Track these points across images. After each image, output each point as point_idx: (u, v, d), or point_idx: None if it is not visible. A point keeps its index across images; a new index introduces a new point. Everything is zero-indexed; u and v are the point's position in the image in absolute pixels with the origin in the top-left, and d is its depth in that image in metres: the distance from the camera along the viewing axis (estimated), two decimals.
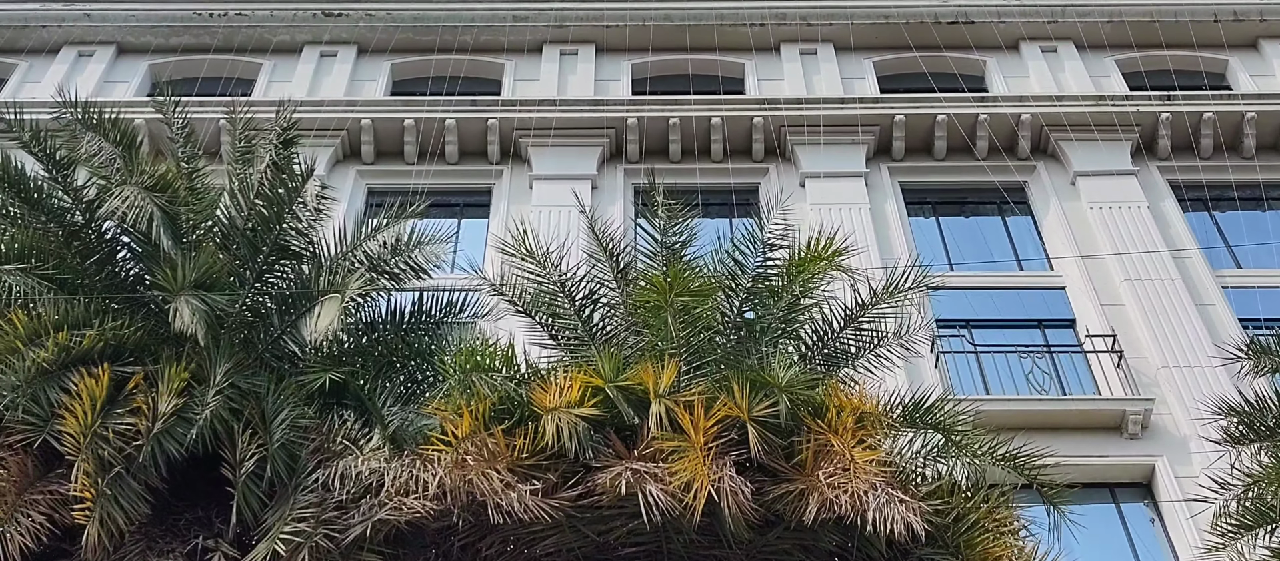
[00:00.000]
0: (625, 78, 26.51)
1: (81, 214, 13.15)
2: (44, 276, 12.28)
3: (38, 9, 27.02)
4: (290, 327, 12.86)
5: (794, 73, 26.40)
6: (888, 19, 27.02)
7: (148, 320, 12.45)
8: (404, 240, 14.05)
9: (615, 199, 23.45)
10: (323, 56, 26.80)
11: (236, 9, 27.08)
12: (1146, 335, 20.30)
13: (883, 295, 13.33)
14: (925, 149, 24.57)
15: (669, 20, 27.13)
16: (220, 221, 13.63)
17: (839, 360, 13.36)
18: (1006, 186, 23.89)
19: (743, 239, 13.92)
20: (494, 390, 11.46)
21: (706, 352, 12.24)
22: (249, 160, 14.18)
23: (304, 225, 13.83)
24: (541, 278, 13.71)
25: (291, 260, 13.67)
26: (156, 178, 12.88)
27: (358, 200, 23.62)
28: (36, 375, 10.87)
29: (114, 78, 26.28)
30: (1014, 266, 22.79)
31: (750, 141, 24.54)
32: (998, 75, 26.25)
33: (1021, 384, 20.02)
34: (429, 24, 26.98)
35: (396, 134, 24.43)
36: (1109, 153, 23.91)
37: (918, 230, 23.39)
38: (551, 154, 24.17)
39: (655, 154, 24.49)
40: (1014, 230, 23.72)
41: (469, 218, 24.03)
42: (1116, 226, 22.41)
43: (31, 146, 13.37)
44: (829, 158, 23.97)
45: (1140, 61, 26.31)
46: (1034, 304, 21.80)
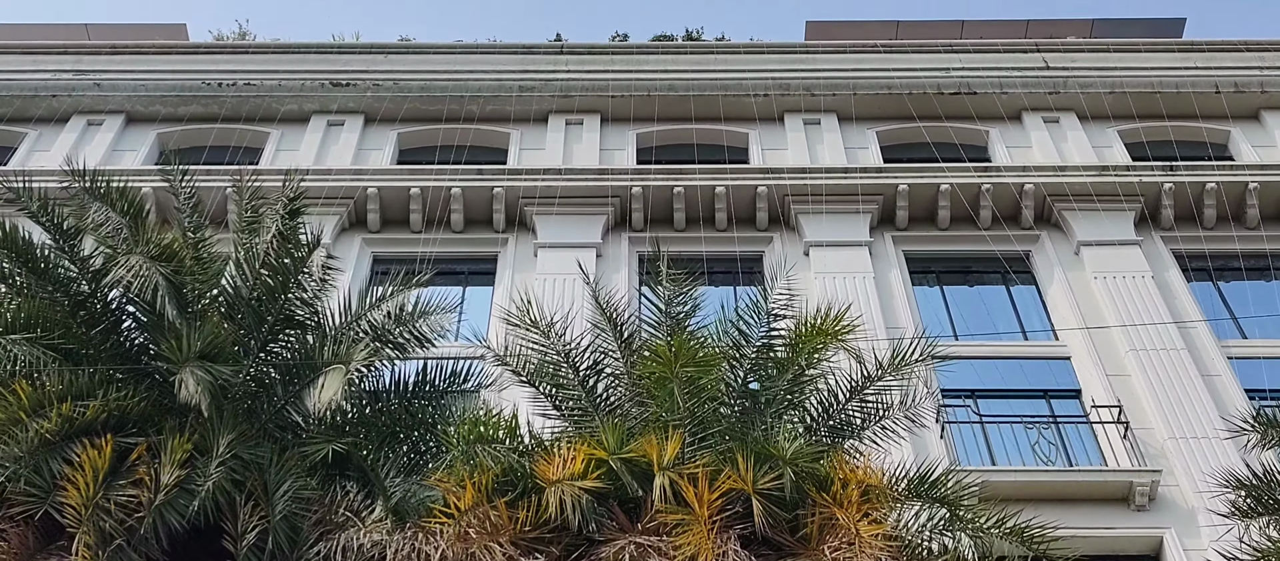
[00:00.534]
0: (630, 147, 26.67)
1: (87, 283, 13.18)
2: (49, 346, 12.28)
3: (48, 79, 27.27)
4: (294, 398, 12.83)
5: (798, 142, 26.54)
6: (890, 89, 27.22)
7: (151, 390, 12.43)
8: (408, 310, 14.06)
9: (620, 267, 23.50)
10: (330, 125, 26.98)
11: (245, 78, 27.33)
12: (1153, 406, 20.21)
13: (888, 367, 13.30)
14: (929, 218, 24.64)
15: (673, 90, 27.35)
16: (226, 291, 13.64)
17: (844, 432, 13.31)
18: (1010, 256, 23.92)
19: (747, 309, 13.93)
20: (497, 461, 11.43)
21: (711, 423, 12.20)
22: (255, 229, 14.24)
23: (309, 295, 13.85)
24: (545, 348, 13.71)
25: (296, 330, 13.67)
26: (163, 248, 12.92)
27: (363, 268, 23.68)
28: (39, 446, 10.85)
29: (123, 146, 26.45)
30: (1019, 336, 22.76)
31: (754, 210, 24.61)
32: (1000, 145, 26.38)
33: (1027, 454, 19.92)
34: (435, 93, 27.21)
35: (402, 202, 24.53)
36: (1112, 223, 23.96)
37: (922, 299, 23.39)
38: (556, 222, 24.25)
39: (660, 222, 24.58)
40: (1018, 300, 23.72)
41: (474, 285, 24.05)
42: (1121, 296, 22.41)
43: (39, 216, 13.42)
44: (833, 227, 24.04)
45: (1142, 132, 26.45)
46: (1039, 374, 21.73)
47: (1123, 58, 27.78)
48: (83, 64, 27.68)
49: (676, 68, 28.04)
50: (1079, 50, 28.24)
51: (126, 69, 27.63)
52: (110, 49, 28.17)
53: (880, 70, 27.60)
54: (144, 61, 27.88)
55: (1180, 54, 27.80)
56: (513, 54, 28.53)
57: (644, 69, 28.01)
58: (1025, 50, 28.15)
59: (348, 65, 27.96)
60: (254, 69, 27.79)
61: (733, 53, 28.99)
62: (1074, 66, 27.64)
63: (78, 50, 28.12)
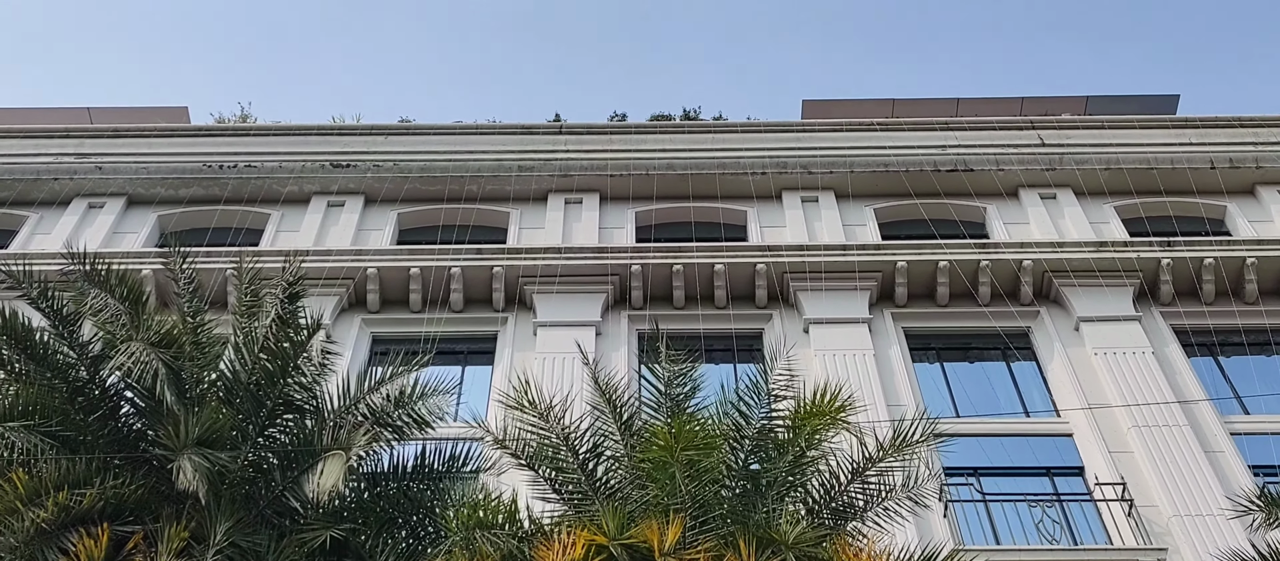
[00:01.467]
0: (629, 225, 26.76)
1: (86, 369, 13.16)
2: (46, 433, 12.25)
3: (51, 162, 27.42)
4: (293, 483, 12.76)
5: (796, 220, 26.64)
6: (887, 167, 27.37)
7: (149, 477, 12.37)
8: (407, 393, 14.03)
9: (619, 345, 23.48)
10: (330, 206, 27.10)
11: (246, 160, 27.49)
12: (1156, 483, 20.08)
13: (890, 448, 13.23)
14: (928, 295, 24.66)
15: (671, 169, 27.50)
16: (224, 375, 13.62)
17: (847, 514, 13.21)
18: (1010, 332, 23.90)
19: (747, 390, 13.89)
20: (497, 548, 11.36)
21: (712, 507, 12.11)
22: (255, 313, 14.25)
23: (308, 379, 13.83)
24: (545, 430, 13.64)
25: (295, 414, 13.63)
26: (162, 334, 12.93)
27: (363, 348, 23.65)
28: (35, 536, 10.78)
29: (123, 229, 26.54)
30: (1020, 413, 22.66)
31: (753, 288, 24.64)
32: (998, 221, 26.47)
33: (1032, 533, 19.76)
34: (436, 174, 27.36)
35: (402, 282, 24.56)
36: (1112, 298, 23.99)
37: (923, 376, 23.33)
38: (556, 301, 24.26)
39: (659, 300, 24.60)
40: (1019, 376, 23.66)
41: (473, 365, 24.02)
42: (1122, 372, 22.35)
43: (39, 302, 13.43)
44: (832, 304, 24.05)
45: (1140, 208, 26.57)
46: (1042, 451, 21.61)
47: (1118, 134, 27.96)
48: (85, 147, 27.85)
49: (674, 147, 28.24)
50: (1074, 127, 28.44)
51: (128, 152, 27.79)
52: (112, 132, 28.36)
53: (877, 148, 27.77)
54: (146, 144, 28.05)
55: (1175, 130, 27.99)
56: (512, 134, 28.75)
57: (642, 148, 28.20)
58: (1020, 127, 28.34)
59: (349, 146, 28.13)
60: (255, 151, 27.96)
61: (730, 131, 29.23)
62: (1069, 143, 27.82)
63: (81, 134, 28.31)
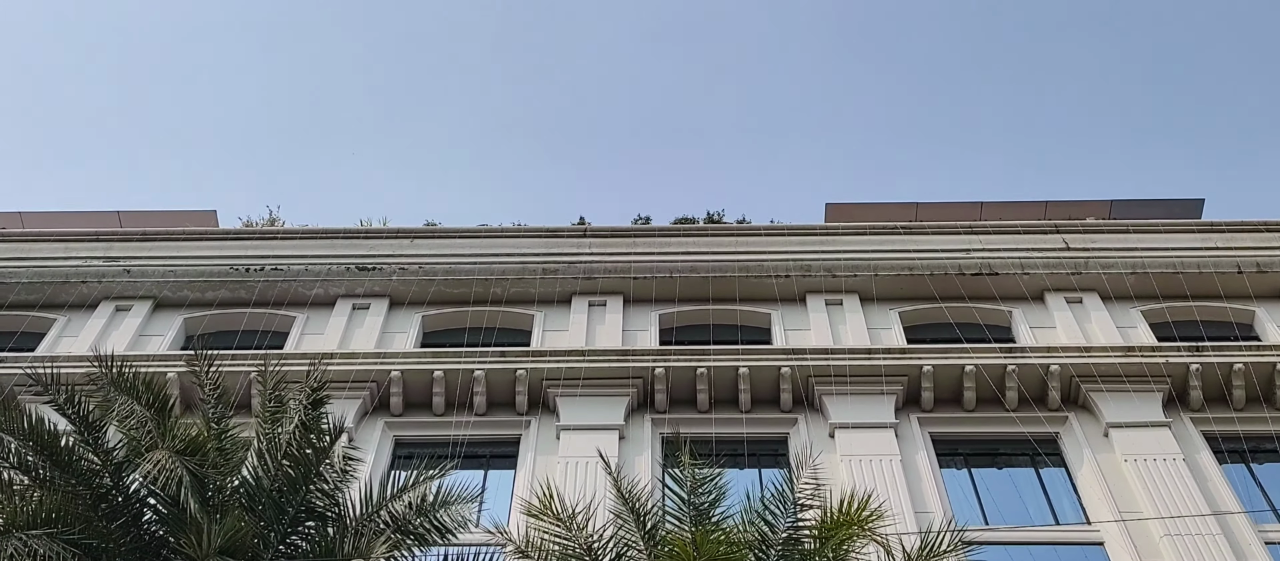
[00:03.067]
0: (653, 328, 26.77)
1: (110, 476, 13.15)
2: (68, 541, 12.20)
3: (79, 265, 27.70)
4: None
5: (820, 323, 26.59)
6: (912, 270, 27.38)
7: None
8: (430, 500, 13.96)
9: (643, 449, 23.33)
10: (355, 309, 27.23)
11: (272, 263, 27.73)
12: None
13: (918, 559, 13.02)
14: (954, 399, 24.48)
15: (695, 272, 27.58)
16: (247, 481, 13.59)
17: None
18: (1038, 438, 23.65)
19: (773, 498, 13.76)
20: None
21: None
22: (278, 418, 14.26)
23: (330, 485, 13.78)
24: (567, 540, 13.53)
25: (317, 522, 13.56)
26: (187, 441, 12.93)
27: (385, 452, 23.57)
28: None
29: (150, 331, 26.70)
30: (1050, 521, 22.33)
31: (778, 391, 24.52)
32: (1024, 326, 26.35)
33: None
34: (461, 276, 27.50)
35: (426, 385, 24.55)
36: (1141, 404, 23.74)
37: (950, 482, 23.05)
38: (579, 404, 24.18)
39: (682, 403, 24.51)
40: (1048, 482, 23.35)
41: (496, 469, 23.88)
42: (1153, 479, 22.03)
43: (65, 409, 13.47)
44: (857, 408, 23.88)
45: (1167, 312, 26.43)
46: (1073, 560, 21.25)
47: (1143, 238, 27.95)
48: (114, 250, 28.15)
49: (698, 249, 28.34)
50: (1099, 231, 28.44)
51: (156, 255, 28.07)
52: (141, 235, 28.69)
53: (901, 251, 27.81)
54: (174, 248, 28.34)
55: (1200, 235, 27.96)
56: (537, 237, 28.94)
57: (666, 251, 28.31)
58: (1045, 231, 28.37)
59: (374, 249, 28.36)
60: (282, 254, 28.19)
61: (754, 234, 29.31)
62: (1095, 247, 27.80)
63: (109, 237, 28.65)
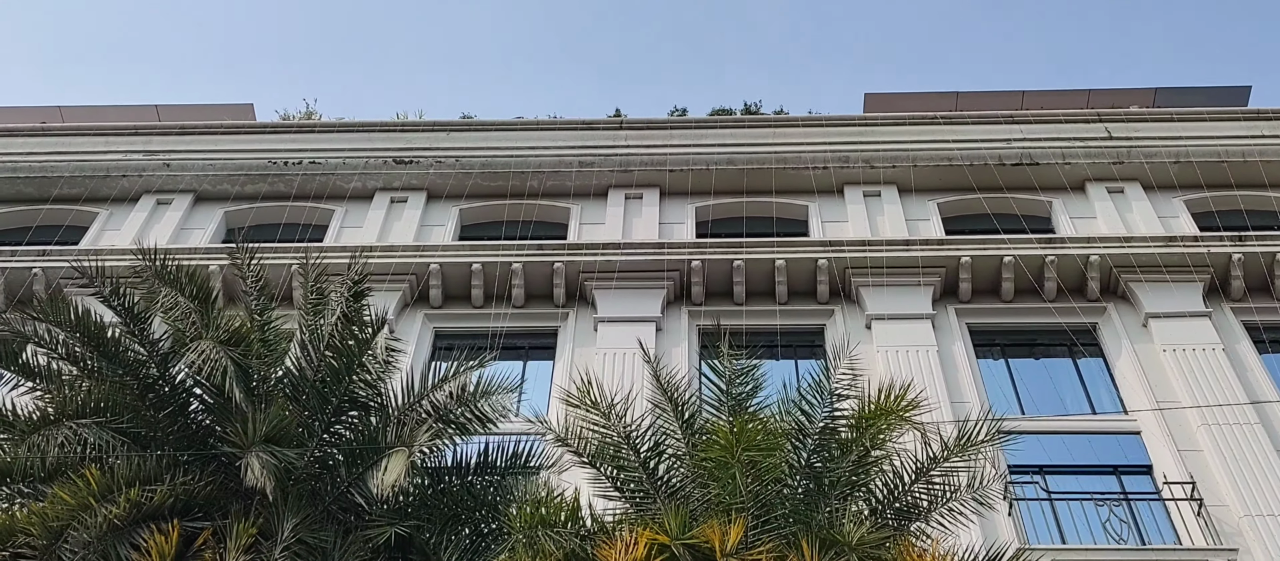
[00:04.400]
0: (689, 220, 26.73)
1: (156, 367, 13.34)
2: (118, 430, 12.45)
3: (119, 159, 27.89)
4: (357, 480, 12.86)
5: (857, 215, 26.46)
6: (951, 161, 27.11)
7: (217, 474, 12.54)
8: (470, 390, 14.08)
9: (680, 341, 23.45)
10: (393, 202, 27.32)
11: (310, 157, 27.79)
12: (1227, 482, 19.73)
13: (955, 448, 13.09)
14: (992, 291, 24.40)
15: (732, 164, 27.42)
16: (290, 372, 13.75)
17: (910, 514, 13.09)
18: (1076, 329, 23.58)
19: (810, 388, 13.79)
20: (559, 546, 11.38)
21: (774, 507, 12.05)
22: (320, 310, 14.37)
23: (373, 376, 13.91)
24: (606, 429, 13.64)
25: (360, 411, 13.74)
26: (231, 331, 13.09)
27: (425, 344, 23.83)
28: (108, 532, 10.95)
29: (191, 225, 26.93)
30: (1087, 411, 22.36)
31: (815, 283, 24.52)
32: (1064, 216, 26.12)
33: (1099, 533, 19.50)
34: (497, 170, 27.48)
35: (464, 278, 24.71)
36: (1181, 294, 23.58)
37: (987, 373, 23.09)
38: (616, 296, 24.29)
39: (719, 296, 24.56)
40: (1086, 373, 23.33)
41: (535, 360, 24.10)
42: (1191, 369, 21.97)
43: (110, 300, 13.64)
44: (895, 300, 23.86)
45: (1210, 201, 26.11)
46: (1109, 450, 21.31)
47: (1187, 127, 27.49)
48: (153, 144, 28.30)
49: (735, 141, 28.15)
50: (1142, 120, 27.99)
51: (196, 149, 28.19)
52: (179, 129, 28.79)
53: (940, 142, 27.51)
54: (212, 141, 28.44)
55: (1246, 123, 27.46)
56: (573, 130, 28.81)
57: (703, 143, 28.14)
58: (1087, 120, 27.95)
59: (411, 143, 28.36)
60: (320, 147, 28.26)
61: (791, 125, 29.04)
62: (1137, 136, 27.39)
63: (148, 131, 28.77)
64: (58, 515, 11.00)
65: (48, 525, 10.93)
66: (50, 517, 11.02)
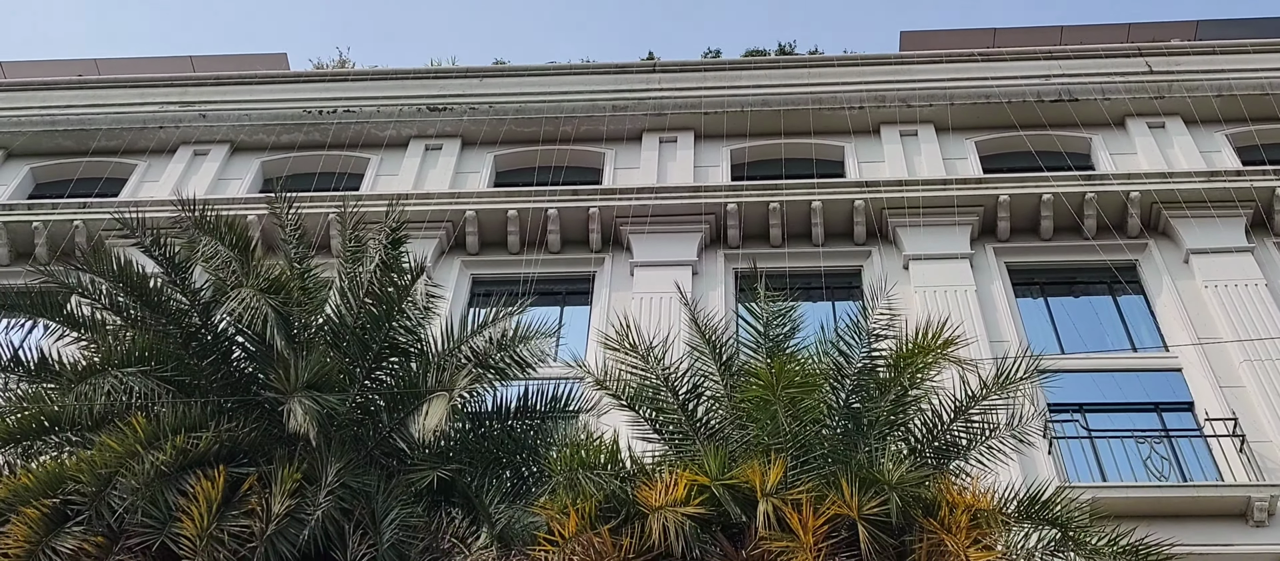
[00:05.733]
0: (724, 163, 26.61)
1: (198, 316, 13.46)
2: (162, 378, 12.58)
3: (156, 111, 28.05)
4: (399, 425, 12.98)
5: (894, 155, 26.25)
6: (989, 98, 26.81)
7: (261, 420, 12.67)
8: (509, 335, 14.15)
9: (716, 285, 23.44)
10: (428, 149, 27.36)
11: (345, 106, 27.85)
12: (1269, 418, 19.60)
13: (994, 386, 13.02)
14: (1031, 229, 24.21)
15: (767, 106, 27.23)
16: (331, 320, 13.84)
17: (950, 453, 13.06)
18: (1117, 265, 23.38)
19: (847, 329, 13.76)
20: (599, 488, 11.43)
21: (813, 447, 12.06)
22: (359, 258, 14.44)
23: (412, 322, 13.98)
24: (644, 372, 13.66)
25: (400, 357, 13.82)
26: (270, 280, 13.17)
27: (463, 290, 23.94)
28: (155, 478, 11.09)
29: (228, 175, 27.09)
30: (1127, 348, 22.21)
31: (852, 225, 24.40)
32: (1104, 152, 25.82)
33: (1140, 470, 19.43)
34: (531, 115, 27.44)
35: (500, 224, 24.75)
36: (1223, 229, 23.31)
37: (1026, 311, 22.96)
38: (652, 241, 24.28)
39: (755, 238, 24.50)
40: (1126, 310, 23.16)
41: (571, 305, 24.17)
42: (1233, 305, 21.76)
43: (152, 251, 13.75)
44: (932, 239, 23.72)
45: (1254, 135, 25.72)
46: (1150, 386, 21.18)
47: (1230, 59, 27.03)
48: (188, 96, 28.43)
49: (770, 82, 27.95)
50: (1184, 53, 27.54)
51: (230, 99, 28.31)
52: (214, 80, 28.91)
53: (978, 79, 27.20)
54: (247, 91, 28.54)
55: None
56: (606, 74, 28.69)
57: (737, 85, 27.96)
58: (1127, 55, 27.54)
59: (445, 90, 28.33)
60: (354, 96, 28.31)
61: (826, 65, 28.81)
62: (1179, 70, 26.97)
63: (183, 82, 28.90)
64: (106, 462, 11.16)
65: (96, 472, 11.10)
66: (99, 465, 11.18)
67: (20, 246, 24.83)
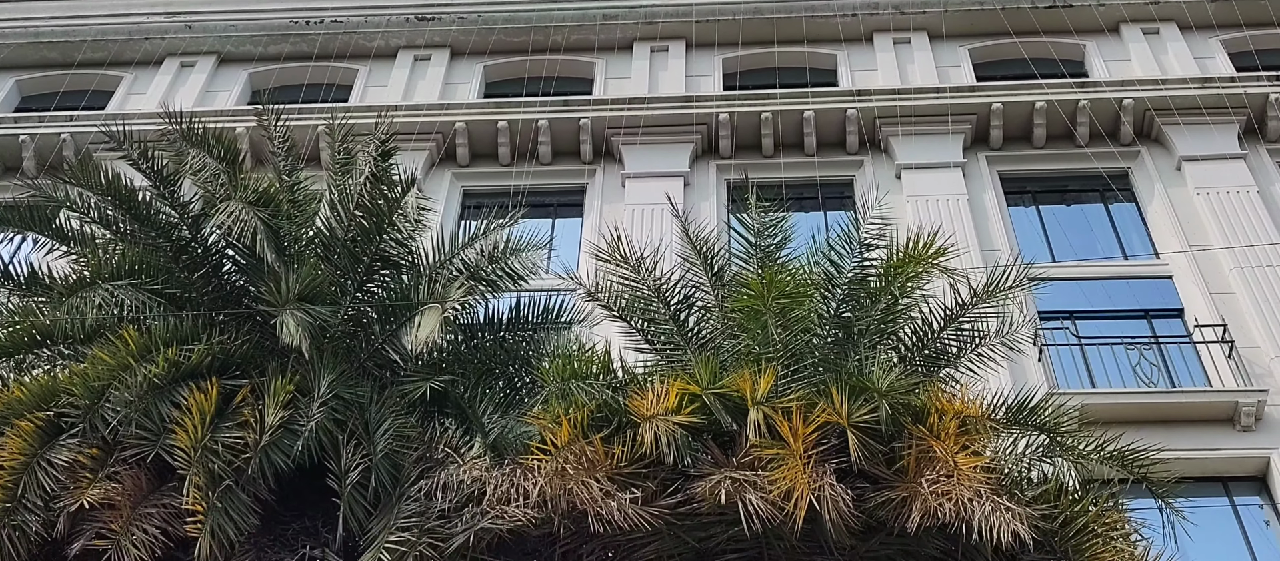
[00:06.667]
0: (716, 73, 26.41)
1: (188, 229, 13.43)
2: (153, 292, 12.59)
3: (142, 21, 27.72)
4: (391, 337, 13.01)
5: (887, 63, 26.06)
6: (982, 5, 26.57)
7: (253, 333, 12.70)
8: (501, 248, 14.16)
9: (708, 195, 23.39)
10: (417, 60, 27.10)
11: (332, 16, 27.53)
12: (1258, 324, 19.74)
13: (984, 294, 13.08)
14: (1024, 137, 24.14)
15: (759, 13, 26.95)
16: (321, 232, 13.80)
17: (939, 361, 13.15)
18: (1109, 173, 23.37)
19: (839, 238, 13.77)
20: (591, 397, 11.50)
21: (804, 356, 12.11)
22: (348, 170, 14.36)
23: (403, 235, 13.96)
24: (636, 282, 13.70)
25: (392, 270, 13.83)
26: (260, 193, 13.14)
27: (454, 202, 23.88)
28: (148, 390, 11.13)
29: (215, 87, 26.85)
30: (1119, 256, 22.28)
31: (844, 134, 24.31)
32: (1098, 59, 25.67)
33: (1128, 376, 19.60)
34: (520, 25, 27.15)
35: (490, 136, 24.61)
36: (1217, 136, 23.25)
37: (1017, 220, 22.98)
38: (643, 152, 24.18)
39: (747, 149, 24.41)
40: (1118, 218, 23.20)
41: (563, 217, 24.15)
42: (1225, 212, 21.79)
43: (139, 163, 13.68)
44: (925, 148, 23.67)
45: (1249, 40, 25.54)
46: (1140, 293, 21.29)
47: None
48: (174, 5, 28.05)
49: None
50: None
51: (216, 10, 27.93)
52: None
53: None
54: (233, 2, 28.13)
55: None
56: None
57: None
58: None
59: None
60: (340, 5, 27.91)
61: None
62: None
63: None
64: (98, 375, 11.19)
65: (89, 385, 11.13)
66: (91, 378, 11.21)
67: (8, 160, 24.68)
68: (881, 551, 11.08)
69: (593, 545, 11.21)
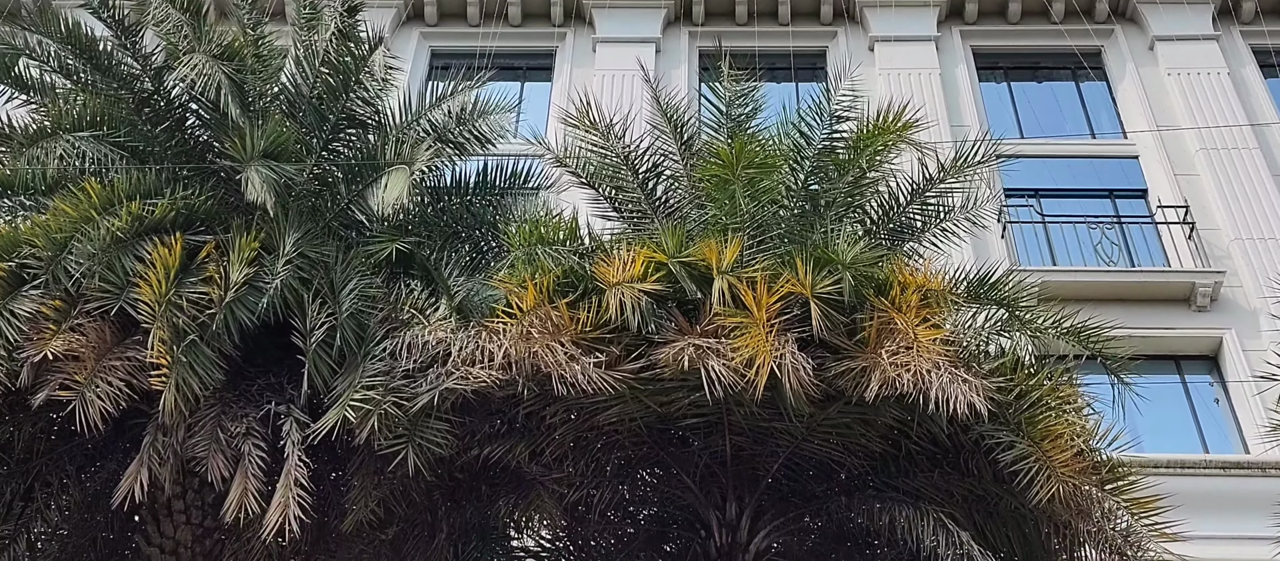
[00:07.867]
0: None
1: (150, 81, 13.20)
2: (115, 144, 12.42)
3: None
4: (357, 197, 12.93)
5: None
6: None
7: (217, 189, 12.59)
8: (469, 110, 14.02)
9: (680, 63, 23.19)
10: None
11: None
12: (1220, 206, 19.95)
13: (951, 170, 13.14)
14: (999, 12, 24.00)
15: None
16: (287, 89, 13.62)
17: (904, 235, 13.26)
18: (1082, 51, 23.30)
19: (809, 111, 13.70)
20: (558, 263, 11.51)
21: (770, 227, 12.14)
22: (314, 26, 14.10)
23: (370, 94, 13.79)
24: (605, 150, 13.65)
25: (358, 129, 13.68)
26: (224, 46, 12.90)
27: (422, 63, 23.59)
28: (111, 243, 11.03)
29: None
30: (1087, 135, 22.35)
31: (819, 4, 24.07)
32: None
33: (1089, 255, 19.83)
34: None
35: None
36: (1191, 16, 23.20)
37: (989, 96, 22.95)
38: (615, 16, 23.88)
39: (720, 16, 24.16)
40: (1088, 97, 23.21)
41: (532, 81, 23.91)
42: (1195, 94, 21.84)
43: (100, 12, 13.38)
44: (899, 21, 23.48)
45: None
46: (1106, 173, 21.43)
47: None
48: None
49: None
50: None
51: None
52: None
53: None
54: None
55: None
56: None
57: None
58: None
59: None
60: None
61: None
62: None
63: None
64: (60, 227, 11.06)
65: (51, 237, 11.02)
66: (53, 230, 11.08)
67: None
68: (839, 419, 11.28)
69: (556, 407, 11.34)
